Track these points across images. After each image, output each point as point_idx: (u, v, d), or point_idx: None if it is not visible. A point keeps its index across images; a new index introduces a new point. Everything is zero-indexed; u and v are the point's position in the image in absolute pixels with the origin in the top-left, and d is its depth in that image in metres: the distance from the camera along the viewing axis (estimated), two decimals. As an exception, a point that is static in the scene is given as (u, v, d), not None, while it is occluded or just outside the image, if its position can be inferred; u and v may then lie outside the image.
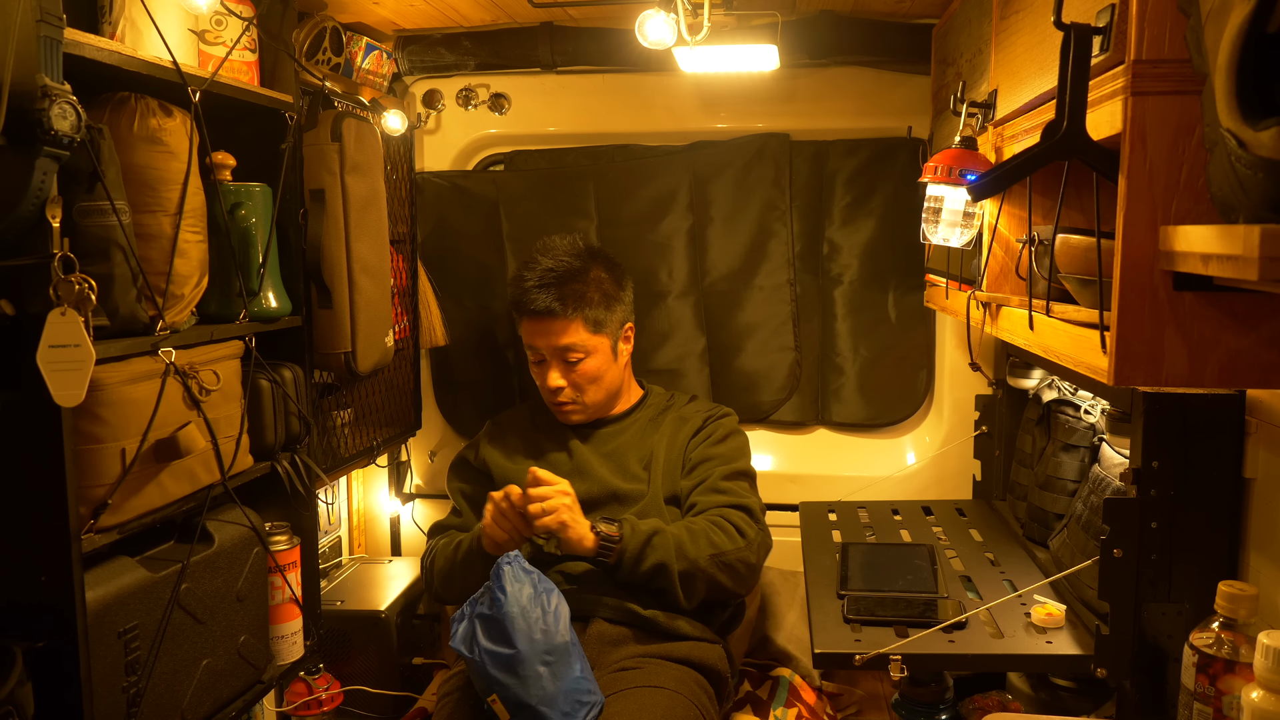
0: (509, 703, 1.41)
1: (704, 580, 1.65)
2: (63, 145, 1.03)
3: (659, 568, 1.63)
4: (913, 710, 1.64)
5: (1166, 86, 0.83)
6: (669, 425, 1.92)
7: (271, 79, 1.56)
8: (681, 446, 1.88)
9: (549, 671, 1.42)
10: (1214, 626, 1.02)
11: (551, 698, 1.41)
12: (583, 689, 1.46)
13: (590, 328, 1.86)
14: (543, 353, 1.87)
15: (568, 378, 1.87)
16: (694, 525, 1.69)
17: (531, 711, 1.40)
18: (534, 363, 1.91)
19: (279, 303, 1.53)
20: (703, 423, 1.91)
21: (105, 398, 1.17)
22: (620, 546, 1.63)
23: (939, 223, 1.49)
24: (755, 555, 1.71)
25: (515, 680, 1.41)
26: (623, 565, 1.63)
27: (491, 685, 1.42)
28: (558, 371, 1.87)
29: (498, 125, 2.27)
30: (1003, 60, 1.35)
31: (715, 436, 1.88)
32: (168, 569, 1.30)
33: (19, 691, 1.07)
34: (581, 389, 1.88)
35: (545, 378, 1.88)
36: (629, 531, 1.64)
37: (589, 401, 1.89)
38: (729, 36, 1.82)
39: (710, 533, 1.67)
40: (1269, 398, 1.15)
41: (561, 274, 1.86)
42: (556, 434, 1.93)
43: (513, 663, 1.41)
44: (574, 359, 1.86)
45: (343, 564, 2.25)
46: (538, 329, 1.86)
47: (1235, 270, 0.68)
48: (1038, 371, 1.84)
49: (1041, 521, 1.71)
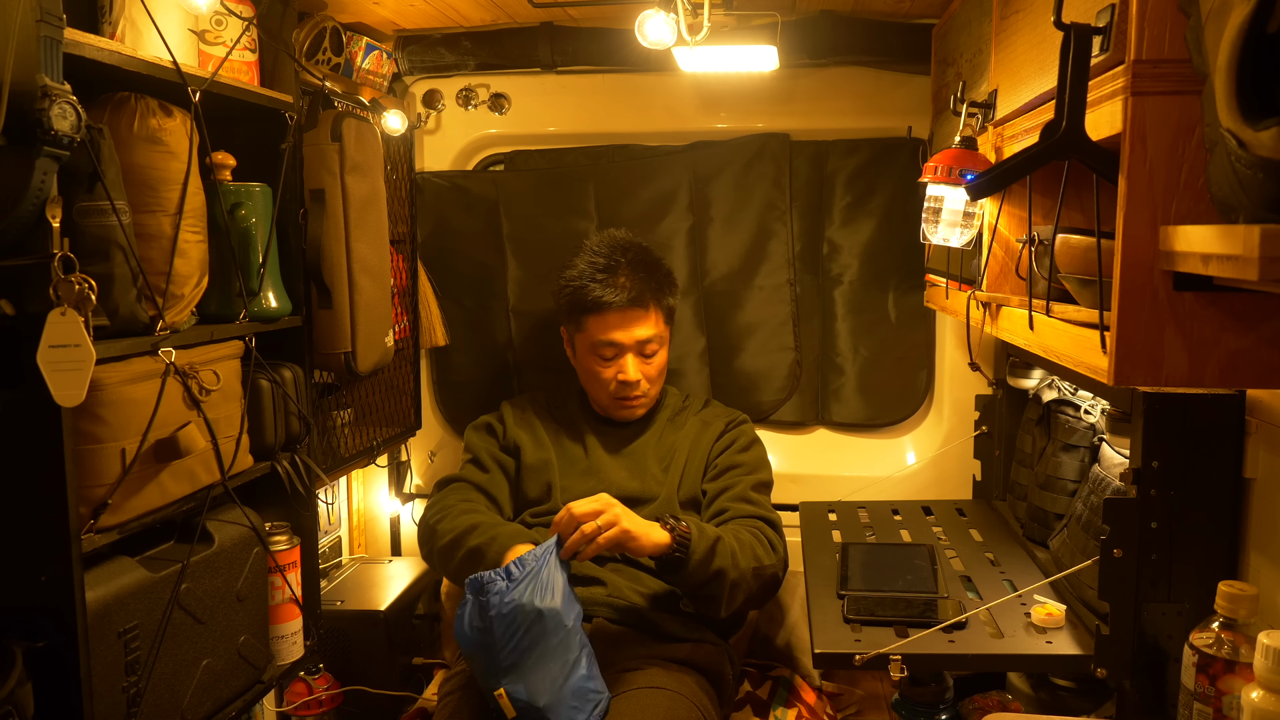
0: (515, 698, 1.40)
1: (745, 591, 1.63)
2: (63, 145, 1.03)
3: (719, 574, 1.57)
4: (913, 710, 1.64)
5: (1166, 86, 0.83)
6: (691, 428, 1.91)
7: (271, 79, 1.56)
8: (705, 450, 1.87)
9: (557, 667, 1.41)
10: (1214, 626, 1.02)
11: (558, 693, 1.40)
12: (589, 687, 1.45)
13: (666, 317, 1.86)
14: (623, 346, 1.83)
15: (643, 371, 1.84)
16: (741, 536, 1.66)
17: (536, 709, 1.39)
18: (606, 359, 1.85)
19: (279, 303, 1.53)
20: (725, 427, 1.91)
21: (105, 398, 1.17)
22: (691, 544, 1.56)
23: (939, 223, 1.49)
24: (783, 570, 1.73)
25: (521, 676, 1.39)
26: (689, 564, 1.55)
27: (498, 680, 1.40)
28: (635, 365, 1.83)
29: (498, 125, 2.27)
30: (1003, 60, 1.35)
31: (740, 444, 1.88)
32: (168, 569, 1.30)
33: (19, 691, 1.07)
34: (654, 381, 1.87)
35: (621, 372, 1.83)
36: (697, 533, 1.58)
37: (654, 394, 1.89)
38: (729, 37, 1.82)
39: (755, 545, 1.66)
40: (1269, 398, 1.15)
41: (631, 265, 1.84)
42: (575, 430, 1.92)
43: (520, 657, 1.40)
44: (651, 350, 1.84)
45: (343, 564, 2.25)
46: (618, 321, 1.82)
47: (1235, 270, 0.68)
48: (1038, 371, 1.84)
49: (1041, 521, 1.71)
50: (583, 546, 1.50)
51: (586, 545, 1.50)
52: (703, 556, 1.56)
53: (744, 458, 1.86)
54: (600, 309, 1.82)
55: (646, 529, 1.55)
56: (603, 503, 1.53)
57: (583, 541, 1.50)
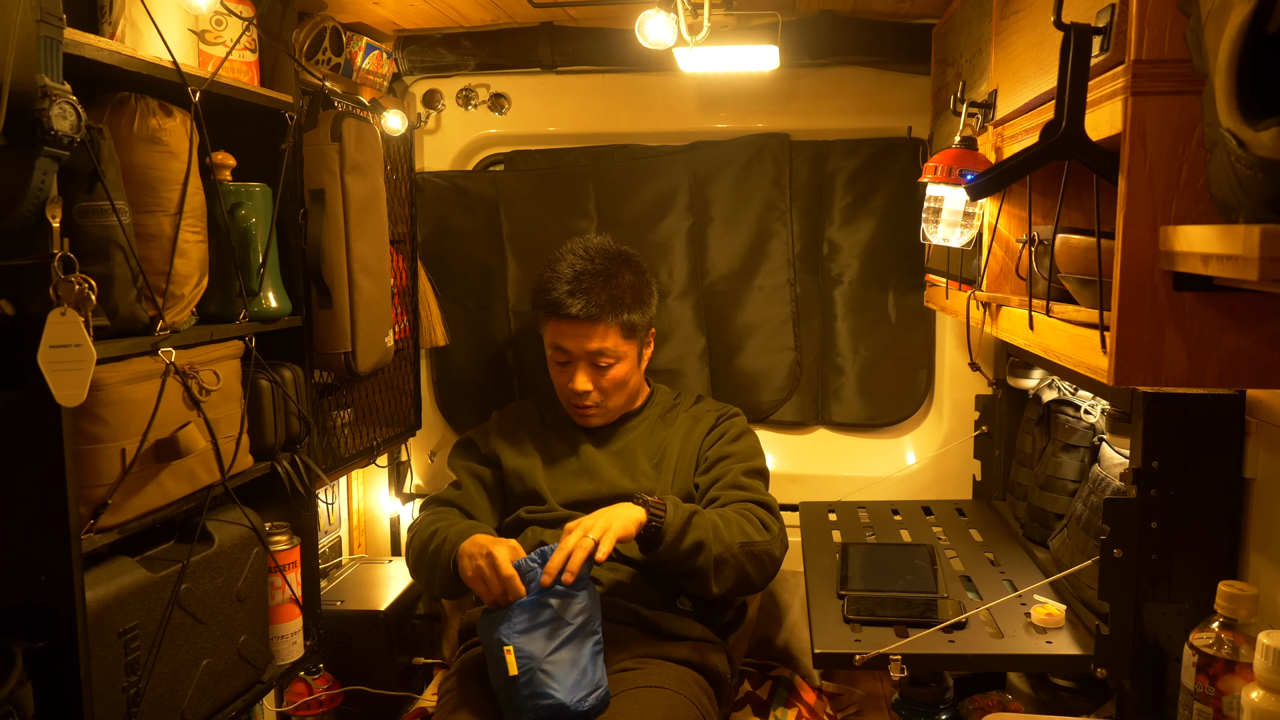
0: (521, 655, 1.44)
1: (734, 568, 1.62)
2: (63, 145, 1.03)
3: (698, 546, 1.58)
4: (913, 710, 1.64)
5: (1166, 86, 0.83)
6: (682, 423, 1.91)
7: (271, 79, 1.56)
8: (696, 444, 1.87)
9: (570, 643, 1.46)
10: (1214, 626, 1.02)
11: (564, 665, 1.44)
12: (594, 676, 1.48)
13: (624, 333, 1.84)
14: (572, 355, 1.83)
15: (595, 382, 1.84)
16: (725, 514, 1.67)
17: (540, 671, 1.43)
18: (558, 363, 1.87)
19: (279, 303, 1.53)
20: (715, 421, 1.91)
21: (105, 398, 1.17)
22: (666, 516, 1.57)
23: (939, 223, 1.49)
24: (779, 549, 1.71)
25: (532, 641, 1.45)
26: (666, 536, 1.57)
27: (510, 638, 1.45)
28: (585, 375, 1.83)
29: (498, 125, 2.27)
30: (1003, 60, 1.35)
31: (730, 435, 1.88)
32: (168, 569, 1.30)
33: (19, 691, 1.07)
34: (607, 393, 1.85)
35: (571, 380, 1.84)
36: (672, 505, 1.60)
37: (611, 405, 1.88)
38: (729, 37, 1.82)
39: (741, 523, 1.66)
40: (1269, 398, 1.15)
41: (599, 276, 1.83)
42: (566, 433, 1.93)
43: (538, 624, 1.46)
44: (604, 364, 1.83)
45: (343, 564, 2.25)
46: (570, 331, 1.82)
47: (1235, 270, 0.68)
48: (1038, 371, 1.84)
49: (1041, 521, 1.71)
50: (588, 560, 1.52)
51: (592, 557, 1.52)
52: (680, 527, 1.57)
53: (734, 447, 1.85)
54: (555, 314, 1.83)
55: (624, 514, 1.56)
56: (581, 528, 1.53)
57: (586, 556, 1.50)
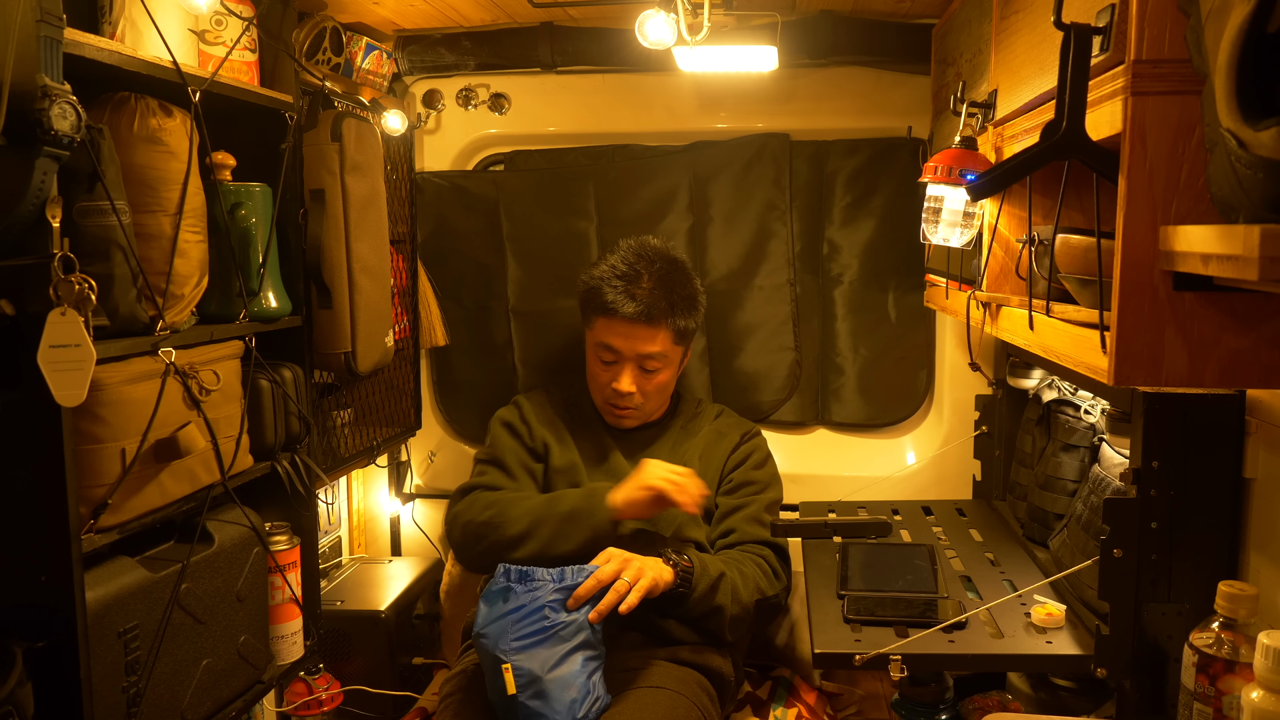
0: (519, 674, 1.44)
1: (747, 622, 1.69)
2: (63, 145, 1.03)
3: (716, 610, 1.63)
4: (913, 710, 1.64)
5: (1166, 86, 0.83)
6: (705, 437, 1.90)
7: (271, 79, 1.56)
8: (720, 462, 1.87)
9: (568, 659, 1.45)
10: (1214, 626, 1.02)
11: (562, 680, 1.43)
12: (592, 692, 1.47)
13: (675, 338, 1.83)
14: (621, 355, 1.81)
15: (639, 384, 1.82)
16: (744, 568, 1.69)
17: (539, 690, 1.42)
18: (604, 362, 1.84)
19: (279, 303, 1.53)
20: (740, 439, 1.90)
21: (105, 398, 1.17)
22: (695, 581, 1.60)
23: (939, 223, 1.49)
24: (785, 596, 1.77)
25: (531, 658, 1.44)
26: (691, 598, 1.60)
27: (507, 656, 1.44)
28: (630, 376, 1.81)
29: (498, 125, 2.27)
30: (1003, 60, 1.35)
31: (754, 461, 1.88)
32: (168, 569, 1.30)
33: (19, 691, 1.07)
34: (649, 396, 1.84)
35: (615, 380, 1.81)
36: (699, 569, 1.61)
37: (649, 409, 1.87)
38: (729, 37, 1.82)
39: (757, 576, 1.70)
40: (1269, 398, 1.15)
41: (657, 279, 1.82)
42: (591, 431, 1.91)
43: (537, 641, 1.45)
44: (652, 367, 1.81)
45: (343, 564, 2.25)
46: (624, 331, 1.80)
47: (1235, 270, 0.68)
48: (1038, 371, 1.84)
49: (1041, 521, 1.71)
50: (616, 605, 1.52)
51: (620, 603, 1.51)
52: (704, 592, 1.61)
53: (758, 475, 1.86)
54: (609, 313, 1.81)
55: (654, 570, 1.56)
56: (619, 561, 1.54)
57: (617, 601, 1.51)
